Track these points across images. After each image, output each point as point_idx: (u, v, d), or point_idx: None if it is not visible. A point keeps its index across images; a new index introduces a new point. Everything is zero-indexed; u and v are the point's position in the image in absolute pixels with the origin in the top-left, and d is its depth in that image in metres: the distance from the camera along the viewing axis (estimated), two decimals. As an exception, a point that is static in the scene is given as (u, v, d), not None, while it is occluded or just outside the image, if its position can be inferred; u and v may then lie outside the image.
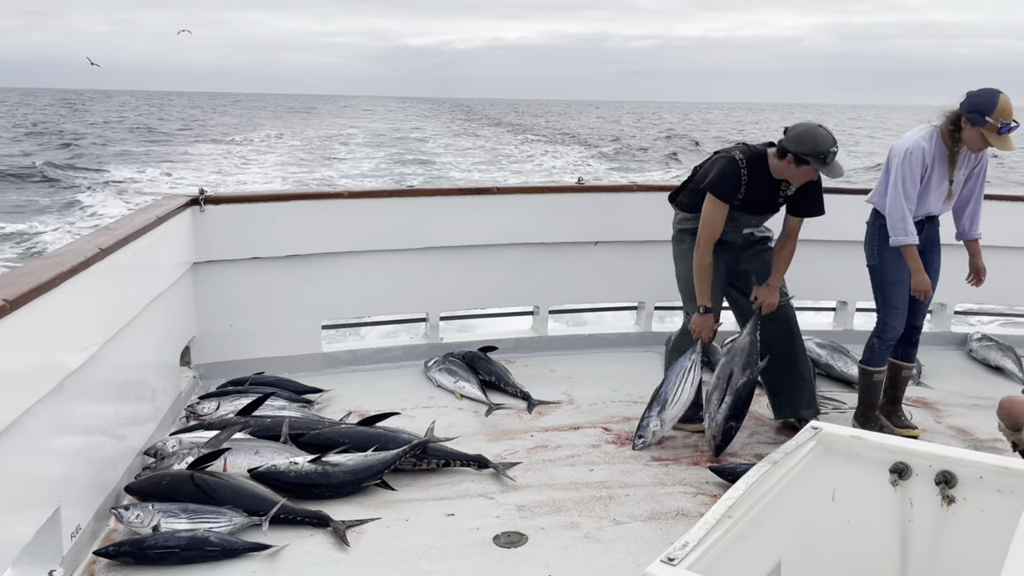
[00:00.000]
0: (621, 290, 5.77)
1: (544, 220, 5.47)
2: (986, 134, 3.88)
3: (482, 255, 5.41)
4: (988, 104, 3.85)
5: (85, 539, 3.08)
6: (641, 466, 3.97)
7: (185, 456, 3.61)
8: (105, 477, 3.38)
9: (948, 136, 4.02)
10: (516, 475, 3.81)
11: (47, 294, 2.67)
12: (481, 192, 5.51)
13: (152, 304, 3.94)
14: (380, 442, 3.82)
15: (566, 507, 3.54)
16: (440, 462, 3.83)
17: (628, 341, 5.75)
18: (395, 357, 5.36)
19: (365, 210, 5.17)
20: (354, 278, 5.18)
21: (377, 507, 3.50)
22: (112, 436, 3.52)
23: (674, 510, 3.55)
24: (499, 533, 3.31)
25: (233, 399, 4.36)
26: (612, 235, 5.56)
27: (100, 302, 3.28)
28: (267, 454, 3.67)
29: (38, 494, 2.75)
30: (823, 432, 2.44)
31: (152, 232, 3.91)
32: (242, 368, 4.87)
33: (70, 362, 2.93)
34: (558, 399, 4.81)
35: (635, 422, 4.48)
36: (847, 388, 5.08)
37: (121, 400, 3.66)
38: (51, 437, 2.84)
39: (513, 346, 5.55)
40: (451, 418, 4.49)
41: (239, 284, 4.91)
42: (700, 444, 4.23)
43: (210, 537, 3.09)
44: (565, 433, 4.35)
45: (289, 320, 5.06)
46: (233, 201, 4.92)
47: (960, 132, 3.98)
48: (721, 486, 3.70)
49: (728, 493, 2.08)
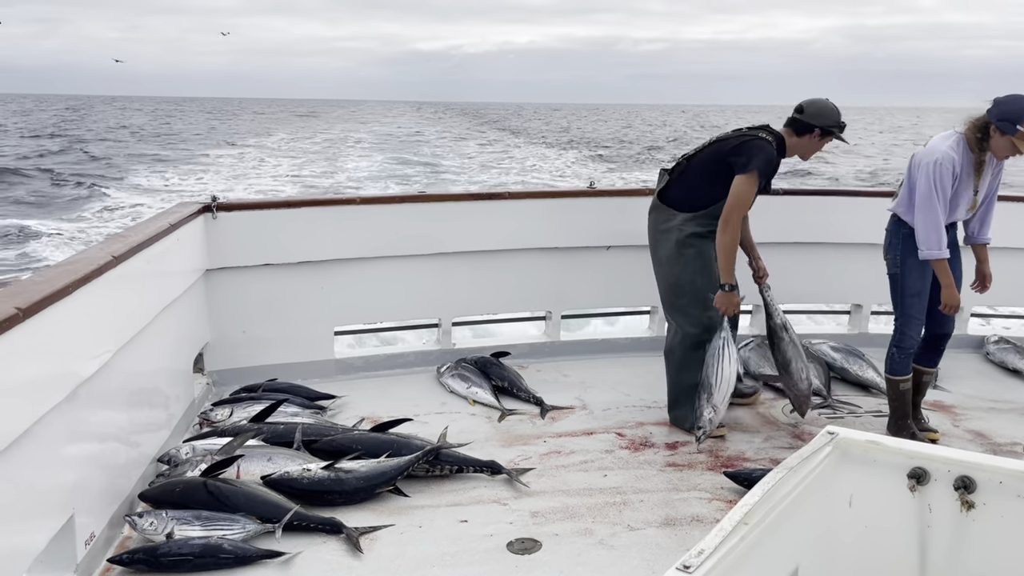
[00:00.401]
0: (634, 294, 5.74)
1: (556, 225, 5.46)
2: (1017, 142, 3.80)
3: (494, 260, 5.40)
4: (1019, 111, 3.77)
5: (99, 546, 3.08)
6: (655, 471, 3.95)
7: (198, 463, 3.61)
8: (119, 484, 3.38)
9: (975, 144, 3.94)
10: (529, 481, 3.80)
11: (60, 302, 2.68)
12: (492, 197, 5.51)
13: (165, 311, 3.95)
14: (393, 448, 3.81)
15: (580, 513, 3.52)
16: (453, 468, 3.82)
17: (641, 346, 5.72)
18: (407, 363, 5.36)
19: (377, 216, 5.17)
20: (366, 284, 5.18)
21: (390, 514, 3.49)
22: (126, 443, 3.53)
23: (689, 516, 3.52)
24: (513, 540, 3.29)
25: (246, 406, 4.37)
26: (624, 239, 5.54)
27: (113, 309, 3.29)
28: (280, 461, 3.67)
29: (52, 502, 2.76)
30: (839, 437, 2.41)
31: (165, 239, 3.92)
32: (255, 375, 4.88)
33: (83, 370, 2.94)
34: (571, 404, 4.79)
35: (648, 427, 4.47)
36: (862, 392, 5.04)
37: (134, 407, 3.67)
38: (65, 445, 2.84)
39: (526, 351, 5.54)
40: (464, 424, 4.47)
41: (252, 291, 4.92)
42: (715, 449, 4.20)
43: (224, 544, 3.09)
44: (578, 438, 4.33)
45: (302, 326, 5.07)
46: (245, 208, 4.93)
47: (988, 140, 3.91)
48: (736, 491, 3.67)
49: (744, 499, 2.05)
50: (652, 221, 4.48)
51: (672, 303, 4.42)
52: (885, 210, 4.28)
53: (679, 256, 4.33)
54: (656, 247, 4.46)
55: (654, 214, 4.47)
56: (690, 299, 4.31)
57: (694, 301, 4.28)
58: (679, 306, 4.37)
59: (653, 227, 4.47)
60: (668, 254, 4.37)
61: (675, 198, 4.37)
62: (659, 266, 4.47)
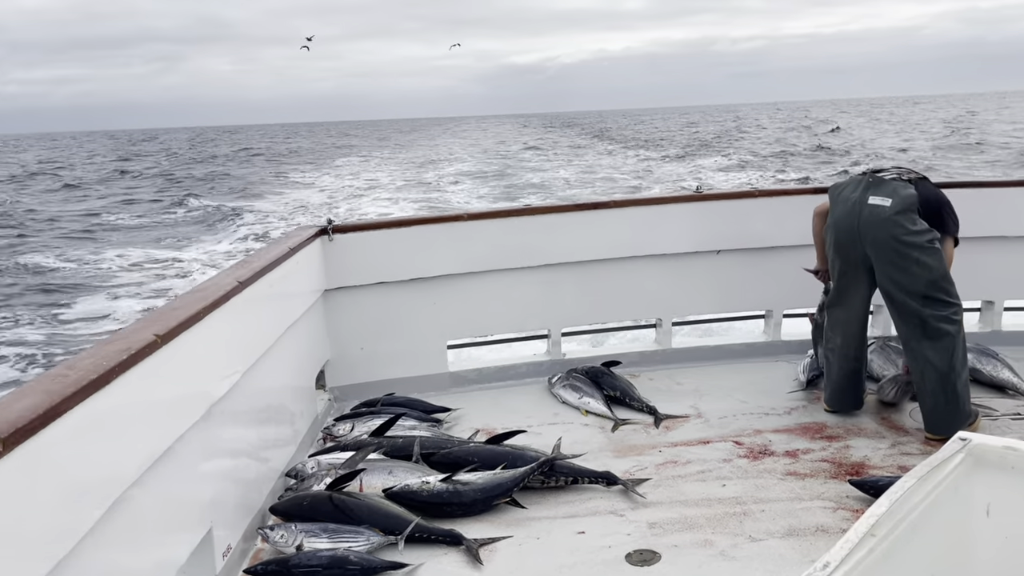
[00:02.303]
0: (747, 299, 5.63)
1: (662, 231, 5.41)
2: None
3: (601, 269, 5.39)
4: None
5: (235, 559, 3.24)
6: (776, 480, 3.84)
7: (323, 477, 3.75)
8: (251, 499, 3.55)
9: None
10: (646, 491, 3.77)
11: (193, 327, 2.84)
12: (597, 207, 5.51)
13: (288, 331, 4.13)
14: (508, 460, 3.85)
15: (699, 524, 3.47)
16: (568, 479, 3.82)
17: (756, 351, 5.59)
18: (519, 374, 5.41)
19: (484, 231, 5.26)
20: (476, 298, 5.27)
21: (508, 525, 3.53)
22: (256, 459, 3.71)
23: (813, 526, 3.41)
24: (631, 551, 3.27)
25: (366, 420, 4.51)
26: (734, 243, 5.44)
27: (241, 332, 3.46)
28: (400, 474, 3.77)
29: (192, 516, 2.92)
30: (973, 443, 2.29)
31: (286, 263, 4.10)
32: (373, 390, 5.03)
33: (216, 390, 3.10)
34: (686, 413, 4.72)
35: (767, 435, 4.36)
36: (997, 393, 4.76)
37: (263, 424, 3.85)
38: (202, 462, 3.01)
39: (637, 360, 5.50)
40: (577, 434, 4.48)
41: (367, 308, 5.08)
42: (838, 457, 4.06)
43: (350, 556, 3.20)
44: (694, 448, 4.26)
45: (416, 341, 5.20)
46: (359, 229, 5.10)
47: None
48: (862, 501, 3.54)
49: (871, 510, 1.98)
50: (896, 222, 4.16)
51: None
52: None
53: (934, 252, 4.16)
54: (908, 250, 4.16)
55: (899, 216, 4.14)
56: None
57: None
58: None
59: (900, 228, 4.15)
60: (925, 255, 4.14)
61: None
62: (920, 268, 4.16)
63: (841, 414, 4.56)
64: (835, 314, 4.51)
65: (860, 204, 4.19)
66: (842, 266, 4.35)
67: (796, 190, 5.79)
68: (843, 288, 4.40)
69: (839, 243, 4.30)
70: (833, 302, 4.50)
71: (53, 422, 1.97)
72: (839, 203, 4.32)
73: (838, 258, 4.34)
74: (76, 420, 2.07)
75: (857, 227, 4.19)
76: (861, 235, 4.18)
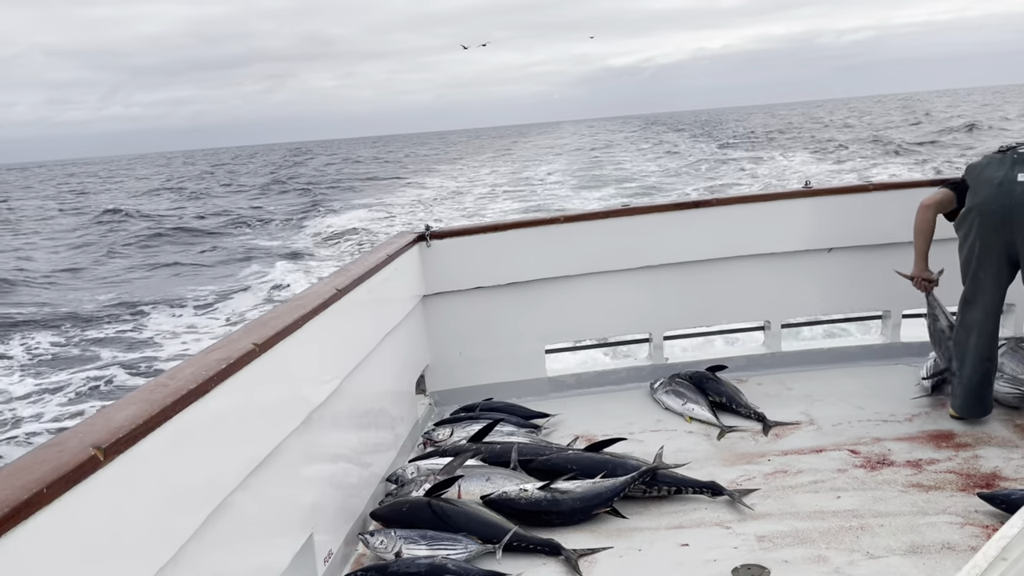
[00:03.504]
0: (861, 299, 5.34)
1: (769, 229, 5.20)
2: None
3: (704, 270, 5.22)
4: None
5: (337, 564, 3.27)
6: (896, 493, 3.60)
7: (423, 482, 3.76)
8: (352, 504, 3.59)
9: None
10: (754, 503, 3.60)
11: (292, 335, 2.88)
12: (699, 205, 5.34)
13: (388, 337, 4.17)
14: (608, 468, 3.76)
15: (812, 538, 3.28)
16: (671, 489, 3.69)
17: (873, 354, 5.30)
18: (620, 380, 5.30)
19: (581, 233, 5.17)
20: (574, 301, 5.19)
21: (608, 535, 3.44)
22: (357, 464, 3.74)
23: (938, 543, 3.17)
24: (738, 565, 3.12)
25: (465, 425, 4.50)
26: (847, 240, 5.17)
27: (340, 339, 3.50)
28: (498, 480, 3.74)
29: (294, 520, 2.96)
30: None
31: (384, 270, 4.14)
32: (472, 394, 5.02)
33: (315, 396, 3.14)
34: (797, 419, 4.50)
35: (886, 443, 4.12)
36: None
37: (363, 429, 3.88)
38: (303, 467, 3.05)
39: (744, 364, 5.30)
40: (681, 442, 4.33)
41: (465, 313, 5.08)
42: (966, 468, 3.78)
43: (448, 565, 3.17)
44: (806, 457, 4.05)
45: (514, 346, 5.17)
46: (456, 235, 5.11)
47: None
48: (994, 516, 3.28)
49: (1002, 530, 1.80)
50: None
51: None
52: None
53: None
54: None
55: None
56: None
57: None
58: None
59: None
60: None
61: None
62: None
63: (968, 421, 4.26)
64: (970, 312, 4.20)
65: (1010, 183, 3.89)
66: (981, 256, 4.05)
67: (913, 183, 5.45)
68: (981, 281, 4.10)
69: (984, 229, 4.01)
70: (968, 298, 4.20)
71: (154, 431, 2.01)
72: (981, 185, 4.02)
73: (980, 247, 4.05)
74: (177, 428, 2.11)
75: (1008, 208, 3.89)
76: (1013, 218, 3.89)
